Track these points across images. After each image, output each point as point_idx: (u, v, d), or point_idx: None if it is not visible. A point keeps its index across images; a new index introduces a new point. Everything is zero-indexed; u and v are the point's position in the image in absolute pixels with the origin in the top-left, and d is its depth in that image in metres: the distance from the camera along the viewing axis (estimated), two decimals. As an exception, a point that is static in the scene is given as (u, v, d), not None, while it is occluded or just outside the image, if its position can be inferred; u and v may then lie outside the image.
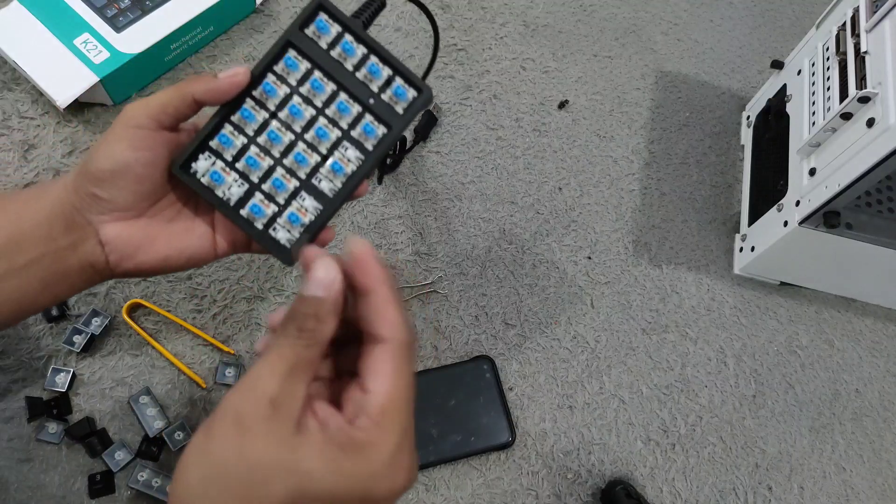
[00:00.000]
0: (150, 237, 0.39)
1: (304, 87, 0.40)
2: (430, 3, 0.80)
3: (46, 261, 0.37)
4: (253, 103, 0.39)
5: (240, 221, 0.40)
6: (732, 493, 0.61)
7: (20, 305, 0.38)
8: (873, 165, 0.52)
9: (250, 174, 0.40)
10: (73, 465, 0.52)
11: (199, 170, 0.39)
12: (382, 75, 0.41)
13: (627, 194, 0.74)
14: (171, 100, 0.37)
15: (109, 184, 0.37)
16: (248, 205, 0.40)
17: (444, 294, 0.64)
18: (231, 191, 0.39)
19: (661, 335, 0.67)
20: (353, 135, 0.41)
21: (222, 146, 0.39)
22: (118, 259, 0.38)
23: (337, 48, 0.40)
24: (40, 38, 0.63)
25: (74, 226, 0.37)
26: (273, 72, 0.39)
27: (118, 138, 0.36)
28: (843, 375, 0.69)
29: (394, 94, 0.41)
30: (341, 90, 0.40)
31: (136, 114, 0.37)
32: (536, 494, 0.58)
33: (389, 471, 0.28)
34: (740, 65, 0.87)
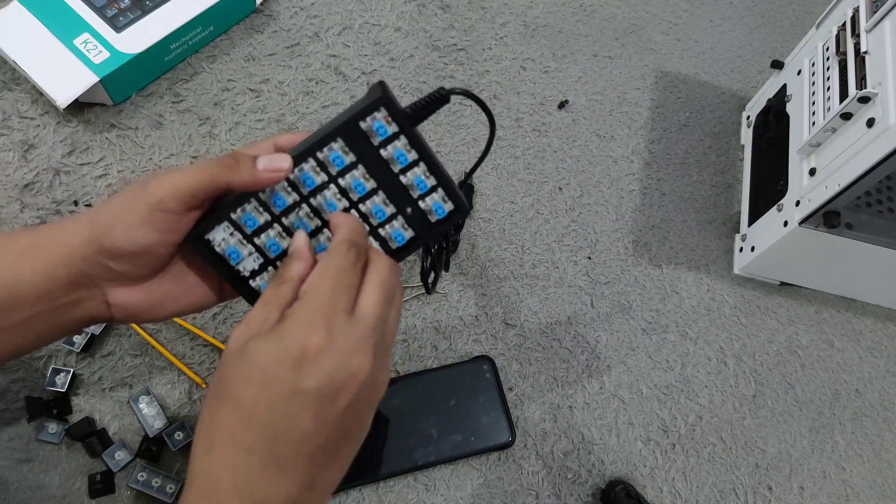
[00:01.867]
0: (160, 299, 0.38)
1: (343, 179, 0.38)
2: (429, 3, 0.80)
3: (44, 317, 0.36)
4: (286, 186, 0.37)
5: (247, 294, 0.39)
6: (732, 493, 0.61)
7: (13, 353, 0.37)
8: (873, 165, 0.52)
9: (267, 252, 0.38)
10: (73, 465, 0.52)
11: (216, 240, 0.37)
12: (426, 186, 0.39)
13: (627, 194, 0.74)
14: (204, 185, 0.35)
15: (126, 261, 0.35)
16: (258, 279, 0.39)
17: (444, 294, 0.64)
18: (244, 265, 0.38)
19: (661, 335, 0.67)
20: (381, 234, 0.39)
21: (244, 223, 0.37)
22: (125, 317, 0.38)
23: (388, 149, 0.37)
24: (40, 38, 0.63)
25: (78, 286, 0.36)
26: (316, 158, 0.37)
27: (142, 222, 0.34)
28: (843, 375, 0.69)
29: (432, 207, 0.39)
30: (381, 190, 0.38)
31: (165, 198, 0.34)
32: (536, 494, 0.58)
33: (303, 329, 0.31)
34: (740, 65, 0.87)
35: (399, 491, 0.56)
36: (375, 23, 0.77)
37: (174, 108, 0.67)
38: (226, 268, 0.38)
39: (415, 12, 0.79)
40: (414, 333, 0.62)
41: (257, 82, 0.70)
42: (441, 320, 0.63)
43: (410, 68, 0.76)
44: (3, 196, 0.60)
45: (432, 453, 0.56)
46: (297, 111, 0.70)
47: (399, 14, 0.79)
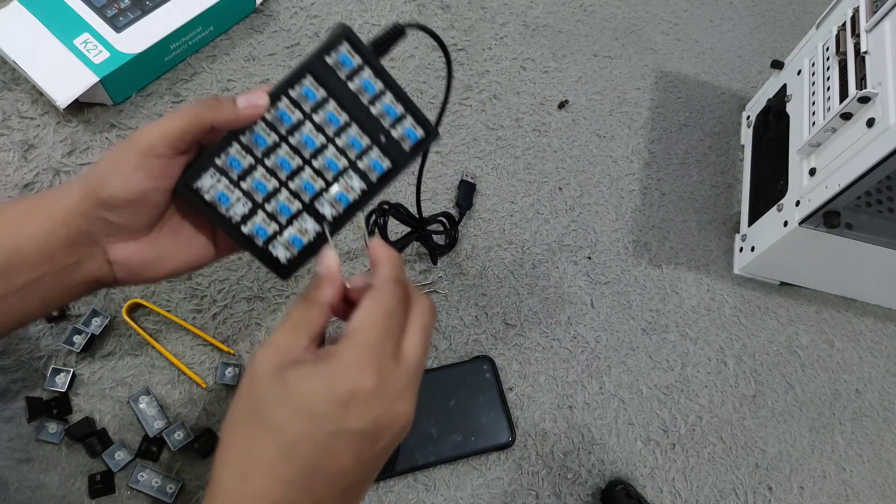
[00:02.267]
0: (159, 253, 0.38)
1: (318, 115, 0.40)
2: (429, 3, 0.80)
3: (47, 279, 0.36)
4: (265, 126, 0.39)
5: (241, 239, 0.40)
6: (732, 493, 0.61)
7: (19, 321, 0.38)
8: (873, 165, 0.52)
9: (255, 195, 0.40)
10: (73, 465, 0.52)
11: (204, 187, 0.39)
12: (396, 114, 0.41)
13: (627, 194, 0.74)
14: (189, 127, 0.36)
15: (124, 210, 0.36)
16: (249, 223, 0.40)
17: (444, 294, 0.64)
18: (235, 209, 0.39)
19: (661, 335, 0.67)
20: (360, 166, 0.41)
21: (230, 166, 0.39)
22: (127, 276, 0.38)
23: (355, 81, 0.40)
24: (40, 38, 0.63)
25: (79, 245, 0.36)
26: (289, 97, 0.39)
27: (135, 168, 0.35)
28: (843, 375, 0.69)
29: (404, 133, 0.41)
30: (354, 122, 0.40)
31: (153, 142, 0.35)
32: (536, 494, 0.58)
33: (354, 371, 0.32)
34: (740, 65, 0.87)
35: (399, 491, 0.56)
36: (375, 23, 0.77)
37: (174, 108, 0.67)
38: (217, 215, 0.39)
39: (415, 12, 0.79)
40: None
41: (257, 82, 0.70)
42: (441, 320, 0.63)
43: (410, 68, 0.76)
44: (3, 196, 0.60)
45: (432, 453, 0.56)
46: (297, 111, 0.70)
47: (399, 14, 0.79)
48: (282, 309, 0.60)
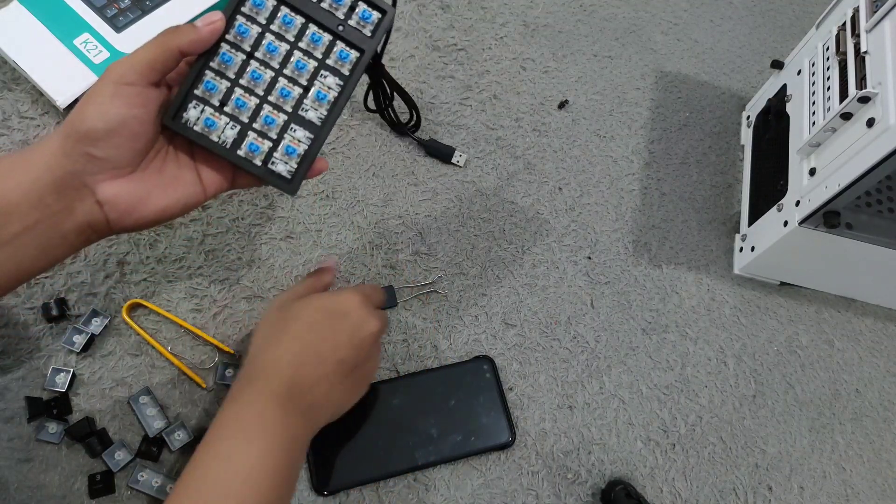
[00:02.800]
0: (147, 191, 0.39)
1: (274, 23, 0.41)
2: (429, 4, 0.80)
3: (41, 227, 0.37)
4: (229, 46, 0.40)
5: (239, 161, 0.41)
6: (732, 493, 0.61)
7: (17, 273, 0.38)
8: (873, 165, 0.52)
9: (240, 115, 0.41)
10: (73, 465, 0.52)
11: (191, 119, 0.40)
12: (346, 2, 0.42)
13: (627, 194, 0.74)
14: (157, 55, 0.37)
15: (105, 143, 0.36)
16: (243, 144, 0.41)
17: (444, 294, 0.64)
18: (225, 133, 0.41)
19: (661, 335, 0.67)
20: (329, 63, 0.42)
21: (208, 92, 0.40)
22: (118, 216, 0.39)
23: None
24: (40, 38, 0.63)
25: (68, 189, 0.37)
26: (242, 13, 0.40)
27: (110, 96, 0.36)
28: (843, 375, 0.69)
29: (360, 18, 0.42)
30: (310, 22, 0.41)
31: (125, 71, 0.37)
32: (536, 494, 0.58)
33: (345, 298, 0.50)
34: (740, 65, 0.87)
35: (399, 491, 0.56)
36: (375, 23, 0.77)
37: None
38: (210, 142, 0.40)
39: (415, 12, 0.79)
40: (414, 333, 0.62)
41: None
42: (441, 320, 0.63)
43: (410, 68, 0.76)
44: (3, 196, 0.60)
45: (432, 453, 0.56)
46: (297, 111, 0.70)
47: (399, 14, 0.79)
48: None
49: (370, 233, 0.66)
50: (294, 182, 0.43)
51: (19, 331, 0.55)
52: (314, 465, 0.54)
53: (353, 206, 0.66)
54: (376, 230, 0.66)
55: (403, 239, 0.66)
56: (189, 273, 0.60)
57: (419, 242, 0.66)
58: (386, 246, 0.65)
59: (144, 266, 0.59)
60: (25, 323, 0.55)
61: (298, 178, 0.43)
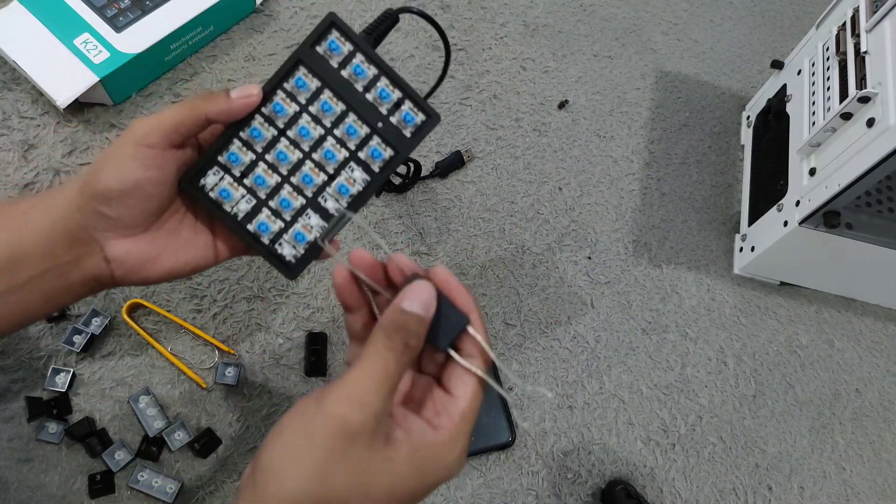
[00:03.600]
0: (157, 251, 0.38)
1: (313, 106, 0.39)
2: (429, 3, 0.80)
3: (49, 276, 0.37)
4: (262, 120, 0.39)
5: (246, 237, 0.40)
6: (732, 493, 0.61)
7: (22, 318, 0.38)
8: (873, 165, 0.52)
9: (258, 191, 0.40)
10: (73, 465, 0.52)
11: (208, 185, 0.39)
12: (392, 98, 0.40)
13: (627, 194, 0.74)
14: (183, 119, 0.36)
15: (118, 203, 0.36)
16: (255, 220, 0.40)
17: (444, 294, 0.64)
18: (239, 206, 0.39)
19: (661, 335, 0.67)
20: (361, 156, 0.40)
21: (231, 163, 0.39)
22: (124, 273, 0.38)
23: (348, 68, 0.39)
24: (40, 38, 0.63)
25: (78, 241, 0.36)
26: (283, 89, 0.39)
27: (129, 157, 0.35)
28: (843, 375, 0.69)
29: (403, 118, 0.40)
30: (350, 111, 0.40)
31: (147, 132, 0.36)
32: (536, 494, 0.58)
33: (457, 463, 0.33)
34: (740, 65, 0.87)
35: (399, 491, 0.56)
36: (375, 23, 0.77)
37: (174, 108, 0.67)
38: (222, 211, 0.39)
39: (415, 12, 0.79)
40: None
41: (257, 82, 0.70)
42: (441, 320, 0.63)
43: (410, 68, 0.76)
44: (3, 196, 0.60)
45: (432, 453, 0.56)
46: (297, 111, 0.70)
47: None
48: (282, 309, 0.60)
49: (370, 233, 0.66)
50: (296, 268, 0.41)
51: (19, 331, 0.55)
52: (314, 465, 0.54)
53: (353, 206, 0.66)
54: (377, 230, 0.66)
55: (403, 239, 0.66)
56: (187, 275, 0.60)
57: (419, 242, 0.66)
58: (386, 246, 0.65)
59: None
60: (25, 323, 0.55)
61: (301, 265, 0.41)
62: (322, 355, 0.58)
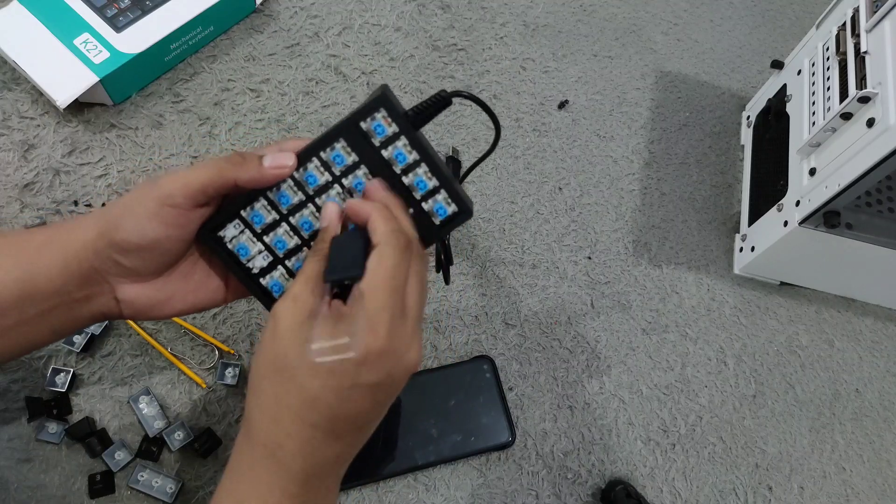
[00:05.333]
0: (168, 295, 0.39)
1: (346, 179, 0.39)
2: (429, 3, 0.80)
3: (58, 311, 0.37)
4: (292, 184, 0.38)
5: (257, 291, 0.40)
6: (732, 493, 0.61)
7: (26, 348, 0.39)
8: (873, 165, 0.52)
9: (275, 250, 0.40)
10: (73, 465, 0.52)
11: (227, 236, 0.39)
12: (428, 187, 0.39)
13: (627, 194, 0.74)
14: (211, 181, 0.36)
15: (135, 256, 0.36)
16: (267, 277, 0.40)
17: (444, 294, 0.64)
18: (254, 262, 0.39)
19: (661, 335, 0.67)
20: None
21: (253, 220, 0.39)
22: (133, 313, 0.39)
23: (388, 150, 0.38)
24: (40, 38, 0.63)
25: (90, 282, 0.37)
26: (319, 158, 0.38)
27: (151, 215, 0.35)
28: (843, 375, 0.69)
29: (434, 208, 0.39)
30: None
31: (173, 192, 0.35)
32: (536, 494, 0.58)
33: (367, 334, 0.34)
34: (740, 65, 0.87)
35: (399, 491, 0.56)
36: (375, 23, 0.77)
37: (174, 108, 0.67)
38: (237, 264, 0.39)
39: (415, 12, 0.79)
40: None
41: (257, 82, 0.70)
42: (441, 320, 0.63)
43: (410, 68, 0.76)
44: (3, 196, 0.60)
45: (432, 453, 0.56)
46: (297, 111, 0.70)
47: (399, 14, 0.79)
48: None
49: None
50: None
51: (19, 331, 0.55)
52: (314, 465, 0.54)
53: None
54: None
55: (403, 239, 0.66)
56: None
57: (419, 242, 0.66)
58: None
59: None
60: (25, 323, 0.55)
61: None
62: (322, 355, 0.58)
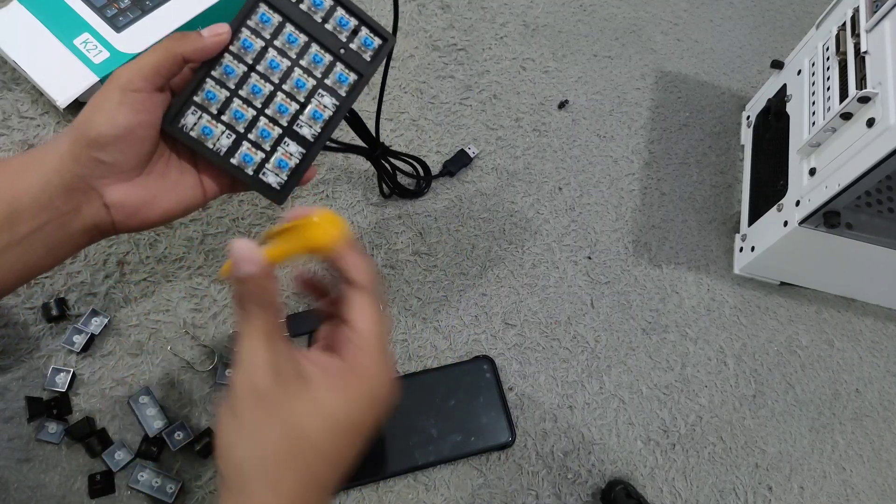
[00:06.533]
0: (152, 194, 0.40)
1: (278, 40, 0.42)
2: (429, 4, 0.80)
3: (49, 228, 0.38)
4: (232, 58, 0.41)
5: (231, 169, 0.42)
6: (732, 493, 0.61)
7: (25, 272, 0.39)
8: (873, 165, 0.52)
9: (236, 125, 0.42)
10: (73, 465, 0.52)
11: (188, 124, 0.41)
12: (350, 26, 0.43)
13: (627, 194, 0.74)
14: (162, 61, 0.38)
15: (113, 148, 0.37)
16: (237, 153, 0.42)
17: (444, 294, 0.64)
18: (220, 142, 0.42)
19: (661, 335, 0.67)
20: (328, 83, 0.43)
21: (208, 101, 0.41)
22: (123, 218, 0.40)
23: (306, 1, 0.42)
24: (40, 38, 0.63)
25: (76, 191, 0.38)
26: (248, 27, 0.41)
27: (118, 104, 0.37)
28: (843, 375, 0.69)
29: (362, 43, 0.43)
30: (313, 41, 0.42)
31: (132, 77, 0.38)
32: (536, 494, 0.58)
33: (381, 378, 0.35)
34: (740, 65, 0.87)
35: (399, 491, 0.56)
36: (375, 23, 0.77)
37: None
38: (205, 149, 0.42)
39: (415, 12, 0.79)
40: (414, 333, 0.62)
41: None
42: (441, 320, 0.63)
43: (410, 68, 0.76)
44: (3, 196, 0.60)
45: (432, 453, 0.56)
46: (297, 111, 0.70)
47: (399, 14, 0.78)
48: (281, 309, 0.60)
49: (370, 233, 0.66)
50: (283, 193, 0.44)
51: (19, 331, 0.55)
52: (314, 465, 0.54)
53: (353, 206, 0.66)
54: (376, 230, 0.66)
55: (403, 239, 0.66)
56: (189, 273, 0.60)
57: (419, 242, 0.66)
58: (386, 246, 0.65)
59: (144, 266, 0.59)
60: (25, 323, 0.55)
61: (287, 190, 0.44)
62: (322, 355, 0.58)
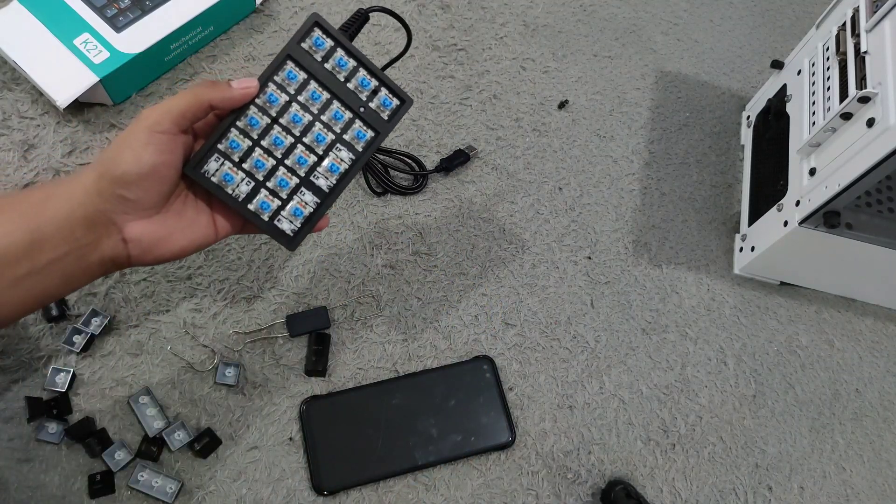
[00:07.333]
0: (168, 231, 0.42)
1: (302, 95, 0.44)
2: (429, 4, 0.80)
3: (68, 259, 0.39)
4: (257, 110, 0.43)
5: (248, 215, 0.44)
6: (732, 493, 0.61)
7: (40, 299, 0.40)
8: (873, 165, 0.52)
9: (256, 173, 0.44)
10: (73, 465, 0.52)
11: (210, 170, 0.43)
12: (371, 86, 0.46)
13: (627, 194, 0.74)
14: (189, 106, 0.40)
15: (136, 186, 0.39)
16: (255, 200, 0.44)
17: (444, 294, 0.64)
18: (240, 188, 0.44)
19: (661, 335, 0.67)
20: (346, 138, 0.46)
21: (231, 149, 0.43)
22: (139, 253, 0.41)
23: (331, 61, 0.44)
24: (40, 38, 0.63)
25: (97, 225, 0.39)
26: (275, 82, 0.43)
27: (144, 143, 0.39)
28: (843, 375, 0.69)
29: (381, 103, 0.46)
30: (335, 99, 0.45)
31: (160, 119, 0.39)
32: (536, 494, 0.58)
33: None
34: (740, 65, 0.87)
35: (399, 491, 0.56)
36: (375, 23, 0.77)
37: (174, 108, 0.67)
38: (225, 194, 0.43)
39: (415, 12, 0.79)
40: (414, 333, 0.62)
41: (257, 82, 0.70)
42: (441, 320, 0.63)
43: (410, 68, 0.76)
44: (3, 196, 0.60)
45: (432, 453, 0.56)
46: (297, 111, 0.70)
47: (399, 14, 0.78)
48: (282, 309, 0.60)
49: (370, 233, 0.66)
50: (295, 240, 0.46)
51: (19, 331, 0.55)
52: (314, 465, 0.54)
53: (353, 206, 0.66)
54: (376, 230, 0.66)
55: (403, 239, 0.66)
56: (189, 273, 0.60)
57: (419, 242, 0.66)
58: (386, 246, 0.65)
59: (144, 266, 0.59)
60: (25, 323, 0.55)
61: (300, 237, 0.46)
62: (323, 355, 0.58)
